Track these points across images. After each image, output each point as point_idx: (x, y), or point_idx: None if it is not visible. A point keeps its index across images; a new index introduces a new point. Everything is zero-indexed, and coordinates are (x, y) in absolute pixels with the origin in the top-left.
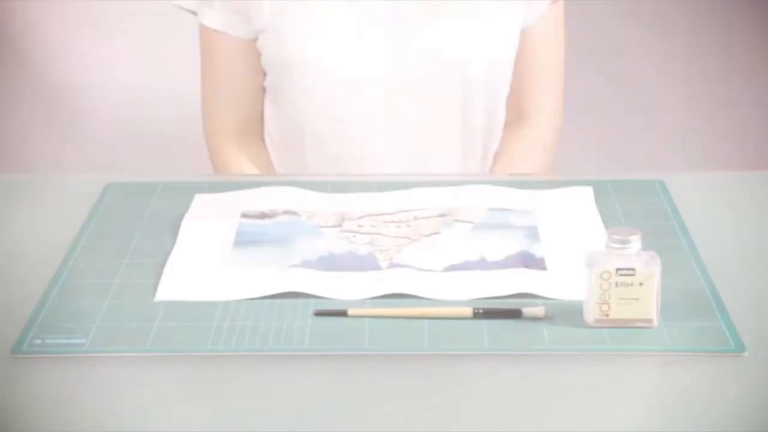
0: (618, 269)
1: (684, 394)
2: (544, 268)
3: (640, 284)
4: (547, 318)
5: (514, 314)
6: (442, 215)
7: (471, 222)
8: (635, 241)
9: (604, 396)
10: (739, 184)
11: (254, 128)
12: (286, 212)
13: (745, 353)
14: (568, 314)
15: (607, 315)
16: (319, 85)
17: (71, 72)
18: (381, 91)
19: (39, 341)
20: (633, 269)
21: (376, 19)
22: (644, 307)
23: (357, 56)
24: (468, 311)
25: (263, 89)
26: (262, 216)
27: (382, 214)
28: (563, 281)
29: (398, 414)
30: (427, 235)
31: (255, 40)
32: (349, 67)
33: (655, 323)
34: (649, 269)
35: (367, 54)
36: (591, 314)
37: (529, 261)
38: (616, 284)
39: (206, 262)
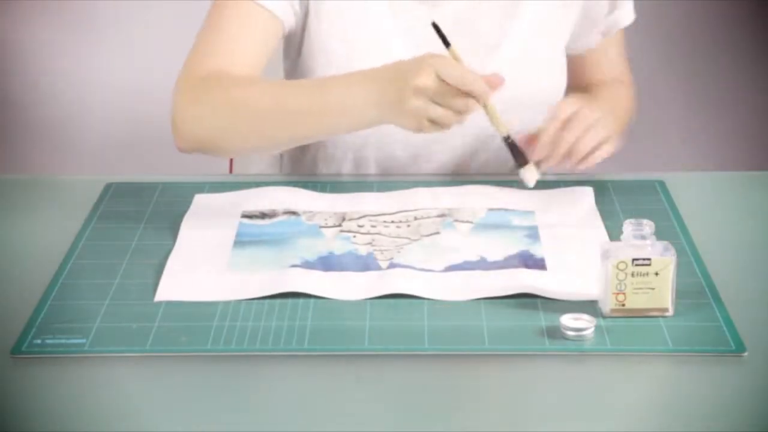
0: (634, 259)
1: (684, 394)
2: (544, 268)
3: (656, 274)
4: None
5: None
6: (442, 215)
7: (471, 222)
8: (650, 232)
9: (604, 396)
10: (739, 184)
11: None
12: (286, 212)
13: (745, 353)
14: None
15: (623, 305)
16: None
17: (71, 72)
18: None
19: (39, 341)
20: (649, 259)
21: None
22: (660, 297)
23: None
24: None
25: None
26: (262, 216)
27: (382, 214)
28: (563, 281)
29: (398, 414)
30: (427, 235)
31: (284, 32)
32: None
33: (671, 312)
34: (665, 258)
35: None
36: (607, 304)
37: (529, 261)
38: (632, 274)
39: (206, 263)
